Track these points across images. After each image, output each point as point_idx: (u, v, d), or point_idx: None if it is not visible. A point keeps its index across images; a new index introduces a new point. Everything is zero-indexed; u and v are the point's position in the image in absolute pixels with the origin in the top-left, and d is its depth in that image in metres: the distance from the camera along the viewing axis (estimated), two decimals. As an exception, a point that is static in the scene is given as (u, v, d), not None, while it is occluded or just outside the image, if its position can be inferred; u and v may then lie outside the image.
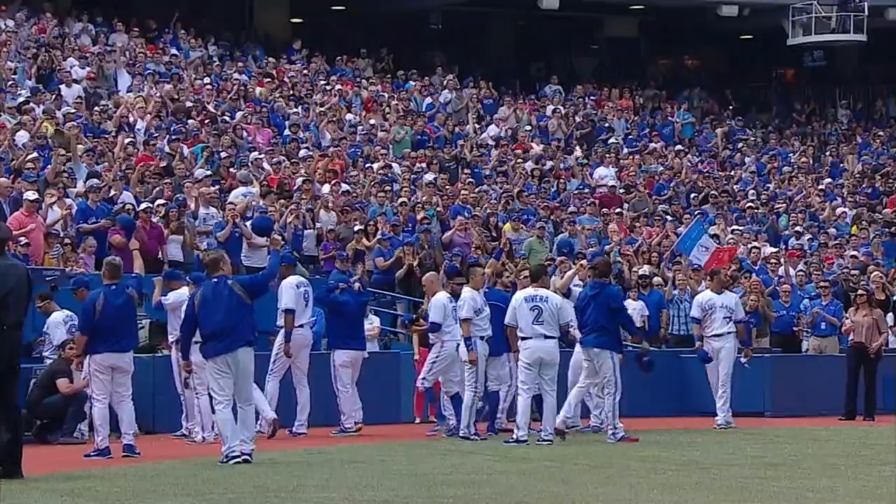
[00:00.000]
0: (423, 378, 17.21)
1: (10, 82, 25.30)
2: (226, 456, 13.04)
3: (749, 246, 25.75)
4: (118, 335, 14.37)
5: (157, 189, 22.19)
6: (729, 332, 18.25)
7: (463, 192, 26.08)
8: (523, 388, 15.70)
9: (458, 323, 16.35)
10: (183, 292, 16.38)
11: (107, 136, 24.19)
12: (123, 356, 14.45)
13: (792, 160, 32.99)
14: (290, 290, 17.14)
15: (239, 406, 13.27)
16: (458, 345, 16.48)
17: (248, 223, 20.35)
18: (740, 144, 33.77)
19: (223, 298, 13.22)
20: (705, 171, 30.92)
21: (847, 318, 21.55)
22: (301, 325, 17.18)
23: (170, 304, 16.65)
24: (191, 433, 16.59)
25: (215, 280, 13.42)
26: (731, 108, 37.52)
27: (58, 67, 27.16)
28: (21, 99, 24.42)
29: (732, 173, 31.68)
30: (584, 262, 19.97)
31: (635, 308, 22.36)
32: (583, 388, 16.62)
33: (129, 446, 14.32)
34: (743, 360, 18.70)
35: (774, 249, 26.13)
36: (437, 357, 16.89)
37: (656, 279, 23.35)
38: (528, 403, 15.73)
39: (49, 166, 21.55)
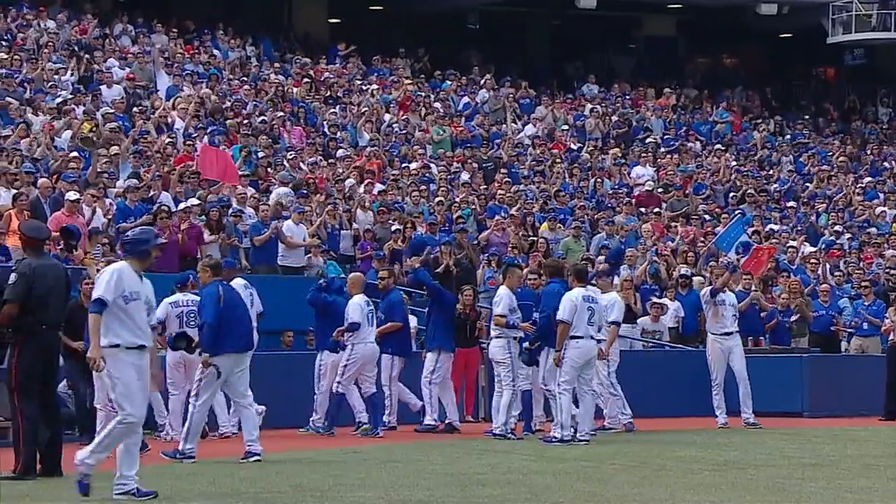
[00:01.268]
0: (339, 382, 17.14)
1: (50, 83, 25.48)
2: (181, 453, 13.45)
3: (787, 245, 25.63)
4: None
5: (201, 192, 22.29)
6: (737, 331, 18.41)
7: (500, 191, 26.09)
8: (566, 388, 15.69)
9: (373, 326, 16.91)
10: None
11: (146, 136, 24.33)
12: None
13: (832, 159, 32.79)
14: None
15: (242, 407, 13.67)
16: (372, 346, 16.87)
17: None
18: (779, 143, 33.59)
19: (238, 299, 13.95)
20: (744, 170, 30.79)
21: (887, 318, 21.40)
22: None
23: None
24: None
25: (223, 281, 13.99)
26: (771, 106, 37.34)
27: (98, 69, 27.36)
28: (59, 99, 24.58)
29: (771, 172, 31.52)
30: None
31: (672, 308, 22.34)
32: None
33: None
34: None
35: (813, 249, 25.99)
36: (348, 360, 16.99)
37: (697, 279, 23.28)
38: (571, 402, 15.71)
39: (90, 167, 21.72)
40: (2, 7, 29.05)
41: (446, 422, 17.86)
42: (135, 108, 25.70)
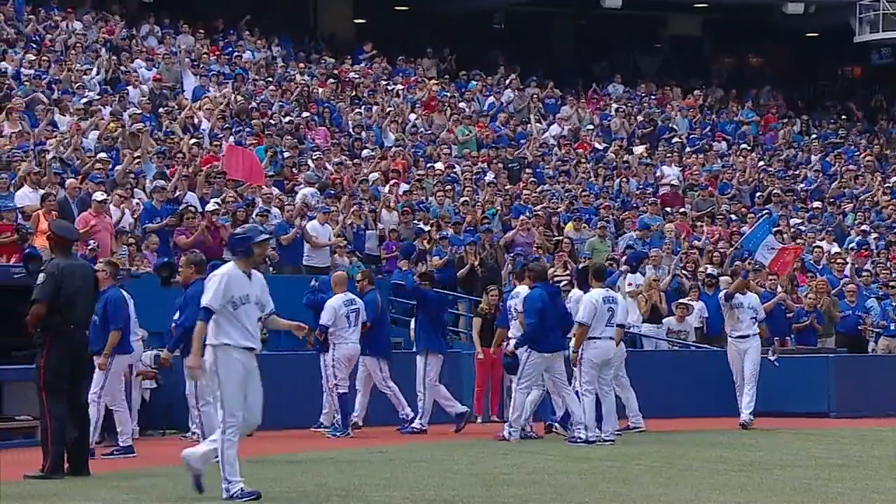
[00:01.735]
0: (336, 384, 17.21)
1: (77, 84, 25.60)
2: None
3: (812, 245, 25.55)
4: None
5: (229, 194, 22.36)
6: (755, 334, 18.22)
7: (525, 191, 26.08)
8: (588, 389, 15.67)
9: (356, 326, 16.93)
10: None
11: (172, 136, 24.44)
12: None
13: (858, 159, 32.64)
14: None
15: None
16: (353, 346, 16.94)
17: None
18: (805, 143, 33.47)
19: None
20: (770, 169, 30.69)
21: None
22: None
23: None
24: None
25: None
26: (797, 106, 37.20)
27: (125, 69, 27.48)
28: (86, 100, 24.69)
29: (797, 172, 31.41)
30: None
31: (697, 308, 22.29)
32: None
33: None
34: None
35: (838, 250, 25.89)
36: (334, 360, 17.09)
37: (724, 279, 23.22)
38: (594, 403, 15.70)
39: (118, 167, 21.82)
40: (31, 8, 29.22)
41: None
42: (161, 109, 25.80)
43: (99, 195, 19.93)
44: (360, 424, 17.51)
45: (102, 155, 22.01)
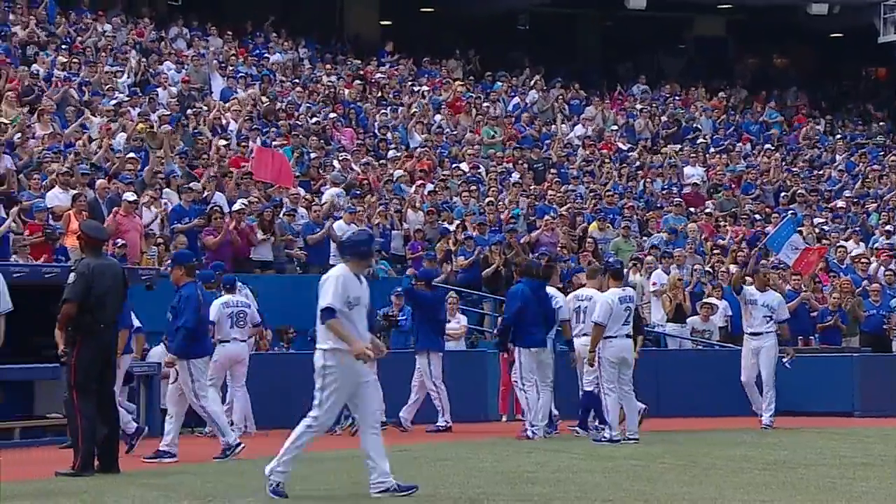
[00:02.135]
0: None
1: (108, 86, 25.72)
2: (229, 447, 13.61)
3: (836, 245, 25.44)
4: None
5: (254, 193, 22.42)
6: (768, 332, 17.94)
7: (549, 191, 26.06)
8: (609, 388, 15.65)
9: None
10: None
11: (201, 138, 24.53)
12: None
13: (882, 159, 32.48)
14: None
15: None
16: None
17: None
18: (829, 143, 33.35)
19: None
20: (794, 169, 30.59)
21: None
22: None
23: None
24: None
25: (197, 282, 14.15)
26: (821, 107, 37.06)
27: (154, 71, 27.59)
28: (116, 101, 24.80)
29: (822, 172, 31.29)
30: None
31: (721, 307, 22.23)
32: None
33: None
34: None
35: (862, 250, 25.77)
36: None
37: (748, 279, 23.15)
38: (617, 402, 15.68)
39: (147, 168, 21.92)
40: (63, 11, 29.41)
41: (394, 420, 17.72)
42: (189, 110, 25.90)
43: (129, 195, 20.02)
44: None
45: (132, 155, 22.10)
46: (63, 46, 27.16)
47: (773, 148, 31.68)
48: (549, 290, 16.57)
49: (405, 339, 19.14)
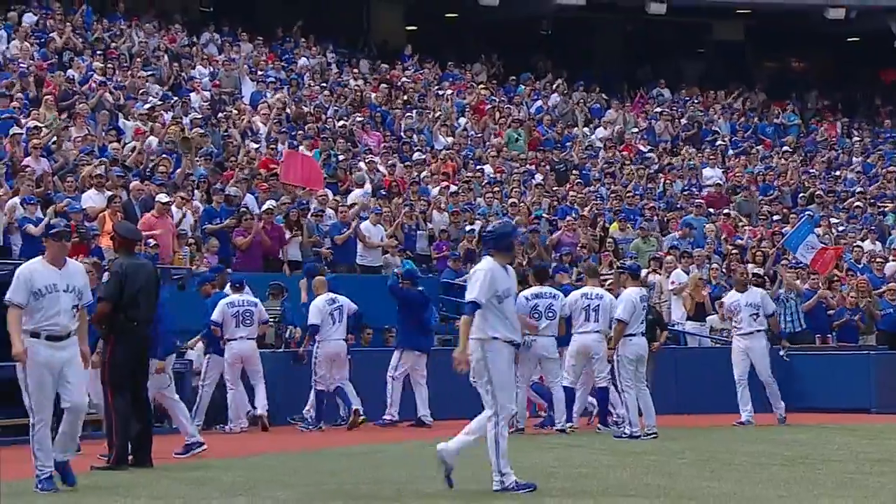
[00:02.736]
0: (315, 381, 17.40)
1: (141, 90, 25.82)
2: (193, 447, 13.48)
3: (853, 245, 25.33)
4: None
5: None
6: (758, 330, 17.77)
7: (571, 193, 26.01)
8: (627, 385, 15.63)
9: (340, 324, 17.18)
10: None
11: (231, 140, 24.58)
12: None
13: (897, 160, 32.36)
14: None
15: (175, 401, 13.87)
16: (336, 343, 17.17)
17: None
18: (846, 146, 33.22)
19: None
20: (812, 171, 30.46)
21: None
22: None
23: None
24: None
25: None
26: (837, 109, 36.92)
27: (186, 76, 27.67)
28: (149, 105, 24.90)
29: (838, 174, 31.16)
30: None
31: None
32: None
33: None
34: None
35: (878, 250, 25.64)
36: (315, 358, 17.27)
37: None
38: (636, 399, 15.66)
39: (178, 170, 21.98)
40: (98, 17, 29.57)
41: (418, 416, 17.79)
42: (220, 114, 25.97)
43: (162, 197, 20.08)
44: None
45: (164, 158, 22.18)
46: (98, 52, 27.29)
47: (790, 150, 31.55)
48: (548, 289, 16.65)
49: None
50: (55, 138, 21.94)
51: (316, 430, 17.15)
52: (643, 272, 18.92)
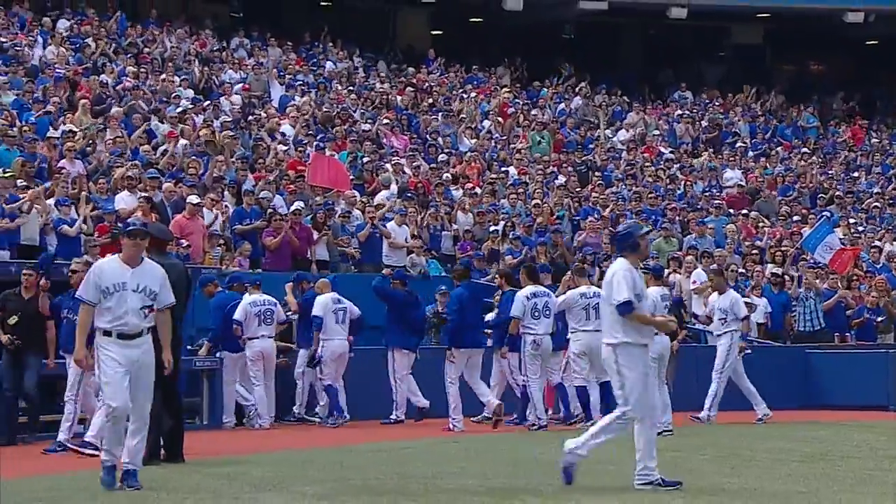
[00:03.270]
0: (321, 378, 17.49)
1: (173, 94, 25.90)
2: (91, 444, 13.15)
3: (871, 245, 25.19)
4: None
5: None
6: (725, 332, 17.60)
7: (593, 194, 25.96)
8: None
9: (343, 324, 17.29)
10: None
11: (261, 143, 24.62)
12: None
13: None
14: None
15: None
16: (339, 342, 17.27)
17: None
18: (863, 148, 33.06)
19: None
20: (830, 172, 30.32)
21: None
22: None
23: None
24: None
25: None
26: (856, 112, 36.74)
27: (217, 80, 27.75)
28: (180, 109, 24.98)
29: (857, 175, 31.00)
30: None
31: (760, 305, 22.03)
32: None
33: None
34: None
35: (896, 250, 25.54)
36: (322, 358, 17.35)
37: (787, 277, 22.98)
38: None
39: (208, 172, 22.02)
40: (131, 24, 29.71)
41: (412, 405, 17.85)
42: (250, 117, 26.03)
43: (193, 198, 20.13)
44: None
45: (195, 160, 22.23)
46: (131, 56, 27.39)
47: (809, 152, 31.41)
48: (542, 288, 16.88)
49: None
50: (91, 141, 22.02)
51: (334, 424, 17.19)
52: (664, 272, 18.85)
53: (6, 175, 18.93)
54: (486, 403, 16.83)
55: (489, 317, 18.08)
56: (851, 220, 26.90)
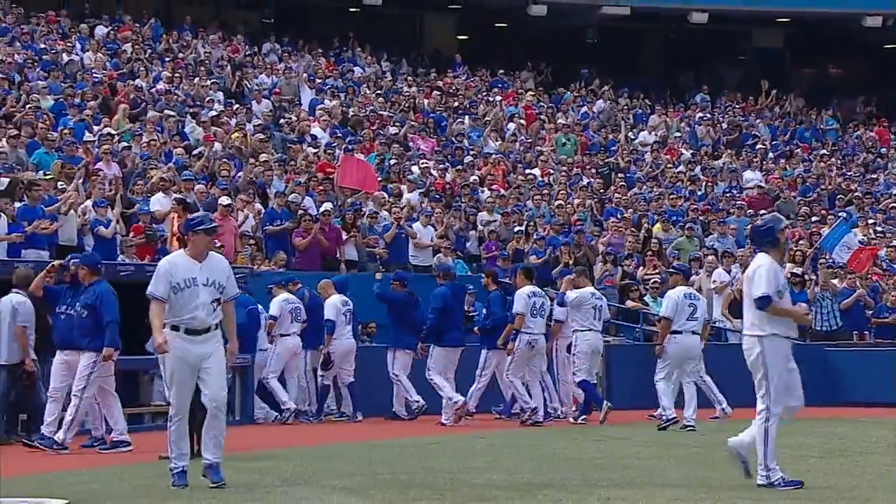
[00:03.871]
0: (322, 375, 17.60)
1: (206, 98, 25.98)
2: (59, 443, 13.13)
3: (888, 245, 25.04)
4: None
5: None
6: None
7: (616, 195, 25.89)
8: (660, 378, 15.73)
9: (349, 325, 17.41)
10: None
11: (291, 145, 24.68)
12: None
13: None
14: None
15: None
16: (348, 342, 17.44)
17: None
18: (885, 149, 32.88)
19: None
20: (849, 174, 30.15)
21: None
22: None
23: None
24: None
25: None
26: (875, 115, 36.53)
27: (249, 85, 27.83)
28: (213, 113, 25.05)
29: (875, 176, 30.83)
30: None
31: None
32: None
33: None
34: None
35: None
36: (331, 354, 17.41)
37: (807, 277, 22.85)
38: (669, 388, 15.69)
39: (240, 174, 22.08)
40: (166, 30, 29.86)
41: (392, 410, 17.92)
42: (281, 120, 26.09)
43: (224, 199, 20.18)
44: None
45: (227, 162, 22.30)
46: (166, 62, 27.49)
47: (828, 153, 31.25)
48: (538, 289, 16.97)
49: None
50: (127, 144, 22.12)
51: (353, 420, 17.25)
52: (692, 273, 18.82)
53: (46, 178, 19.03)
54: (447, 402, 16.72)
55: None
56: (870, 221, 26.74)
